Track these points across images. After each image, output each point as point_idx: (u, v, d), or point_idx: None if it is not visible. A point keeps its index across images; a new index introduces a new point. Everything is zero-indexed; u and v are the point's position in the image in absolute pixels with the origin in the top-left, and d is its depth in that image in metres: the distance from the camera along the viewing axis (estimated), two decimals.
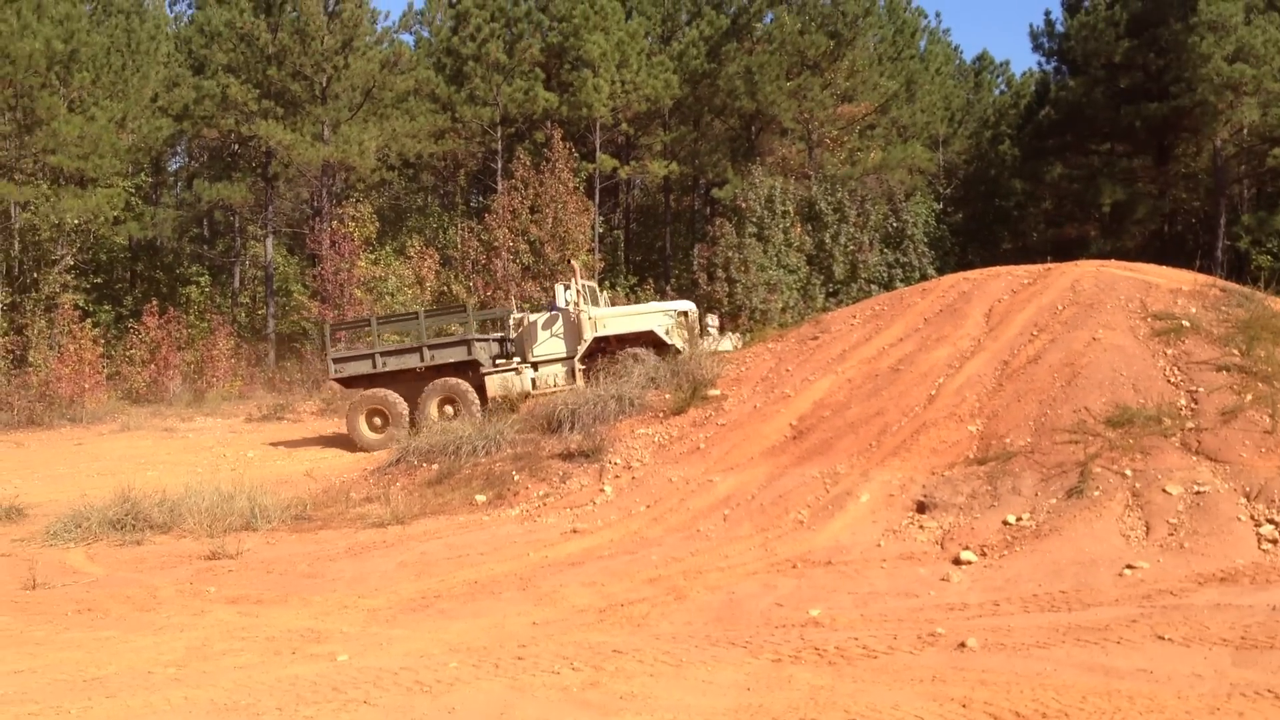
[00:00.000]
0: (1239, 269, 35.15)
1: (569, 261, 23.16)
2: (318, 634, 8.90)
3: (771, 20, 44.16)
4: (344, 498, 15.24)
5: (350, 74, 40.10)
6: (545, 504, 13.74)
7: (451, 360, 21.04)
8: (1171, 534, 10.12)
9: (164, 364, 34.26)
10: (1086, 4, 39.89)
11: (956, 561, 10.27)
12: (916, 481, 12.12)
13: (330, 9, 39.89)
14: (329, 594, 10.52)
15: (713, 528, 12.15)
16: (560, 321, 20.83)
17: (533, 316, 21.36)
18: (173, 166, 50.55)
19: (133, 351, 35.20)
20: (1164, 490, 10.75)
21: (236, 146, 44.52)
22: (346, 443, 21.50)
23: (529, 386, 20.41)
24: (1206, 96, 34.40)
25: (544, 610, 9.46)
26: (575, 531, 12.46)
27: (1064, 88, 41.03)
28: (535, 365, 20.71)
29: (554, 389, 19.78)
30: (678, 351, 18.93)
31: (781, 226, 35.50)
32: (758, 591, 9.70)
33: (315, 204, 42.65)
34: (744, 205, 35.99)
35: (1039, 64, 52.24)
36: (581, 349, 20.40)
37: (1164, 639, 7.59)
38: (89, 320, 35.60)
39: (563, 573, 10.74)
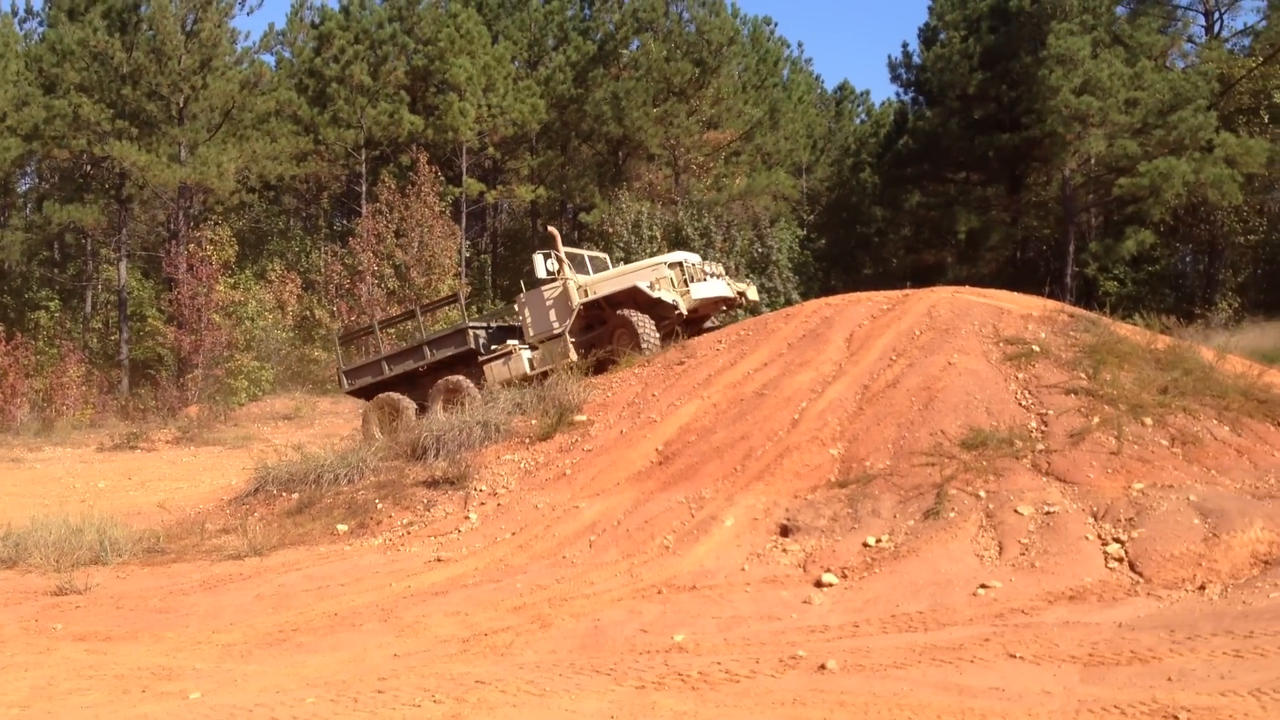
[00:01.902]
0: (1087, 295, 36.48)
1: (546, 228, 21.88)
2: (169, 671, 8.63)
3: (638, 47, 44.63)
4: (199, 529, 14.81)
5: (209, 94, 39.29)
6: (409, 533, 13.54)
7: (451, 353, 19.84)
8: (1023, 554, 10.40)
9: (11, 392, 32.98)
10: (942, 37, 41.13)
11: (818, 584, 10.40)
12: (780, 505, 12.25)
13: (188, 28, 39.05)
14: (182, 629, 10.21)
15: (579, 554, 12.11)
16: (545, 295, 19.44)
17: (524, 295, 19.99)
18: (22, 188, 48.88)
19: None
20: (1016, 511, 11.05)
21: (89, 167, 43.20)
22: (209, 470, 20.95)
23: (526, 368, 18.91)
24: (1055, 128, 35.69)
25: (406, 642, 9.31)
26: (439, 560, 12.30)
27: (921, 118, 42.22)
28: (534, 345, 19.30)
29: (550, 366, 18.54)
30: (673, 307, 18.05)
31: (648, 251, 35.76)
32: (623, 618, 9.68)
33: (172, 226, 41.59)
34: (611, 230, 36.20)
35: (897, 94, 53.89)
36: (569, 321, 18.84)
37: (1015, 657, 7.78)
38: None
39: (426, 603, 10.58)
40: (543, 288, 19.37)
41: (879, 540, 11.12)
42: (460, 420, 16.02)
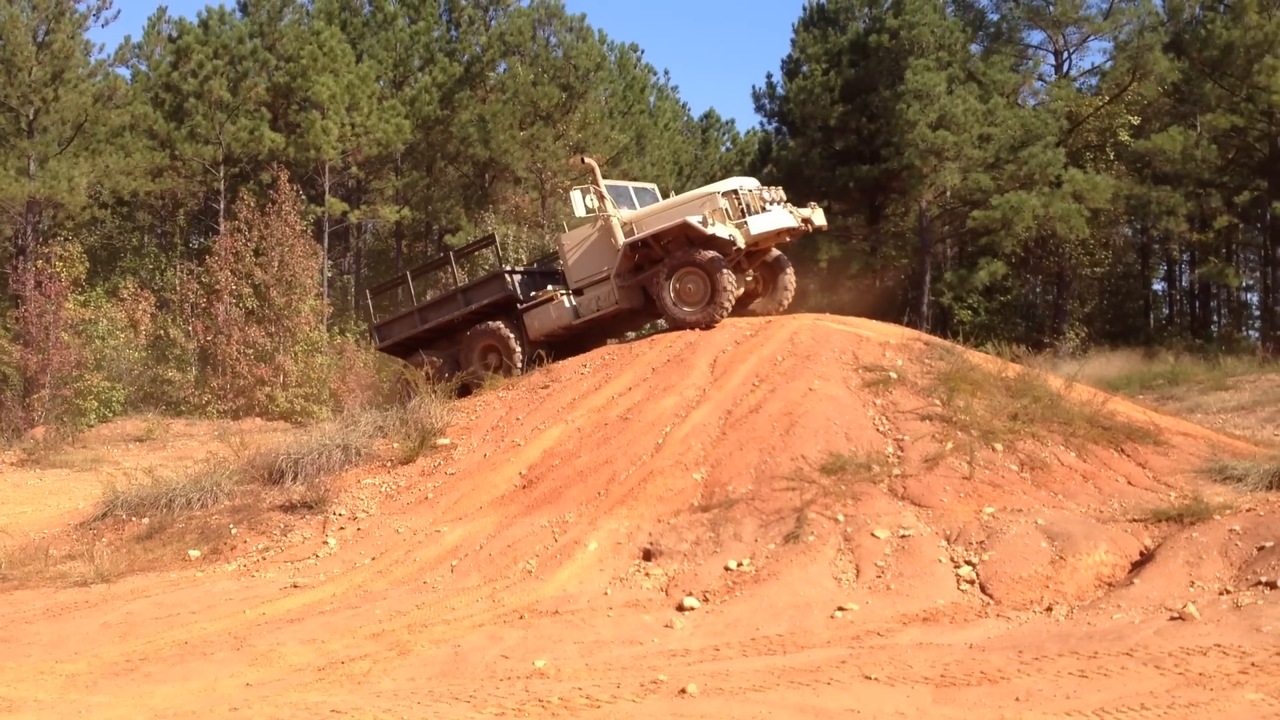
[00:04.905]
0: (943, 323, 37.51)
1: (583, 159, 20.26)
2: (9, 703, 8.26)
3: (505, 70, 44.57)
4: (43, 555, 14.21)
5: (60, 107, 37.96)
6: (265, 558, 13.23)
7: (489, 301, 18.41)
8: (879, 576, 10.61)
9: None
10: (804, 69, 41.93)
11: (680, 608, 10.46)
12: (643, 529, 12.29)
13: (39, 39, 37.74)
14: (23, 659, 9.79)
15: (440, 579, 11.98)
16: (585, 234, 17.92)
17: (565, 236, 18.50)
18: None
19: None
20: (873, 534, 11.27)
21: None
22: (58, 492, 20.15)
23: (570, 318, 17.67)
24: (912, 161, 36.66)
25: (259, 670, 9.07)
26: (296, 586, 12.04)
27: (784, 147, 42.97)
28: (579, 291, 17.79)
29: (597, 313, 17.52)
30: (729, 243, 16.55)
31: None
32: (484, 644, 9.60)
33: (19, 242, 40.01)
34: (476, 253, 35.96)
35: (761, 124, 54.74)
36: (615, 262, 17.35)
37: (871, 679, 7.92)
38: None
39: (280, 630, 10.34)
40: (583, 227, 18.06)
41: (740, 564, 11.23)
42: (319, 442, 15.72)
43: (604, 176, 18.07)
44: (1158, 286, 50.57)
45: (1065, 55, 43.22)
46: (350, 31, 46.65)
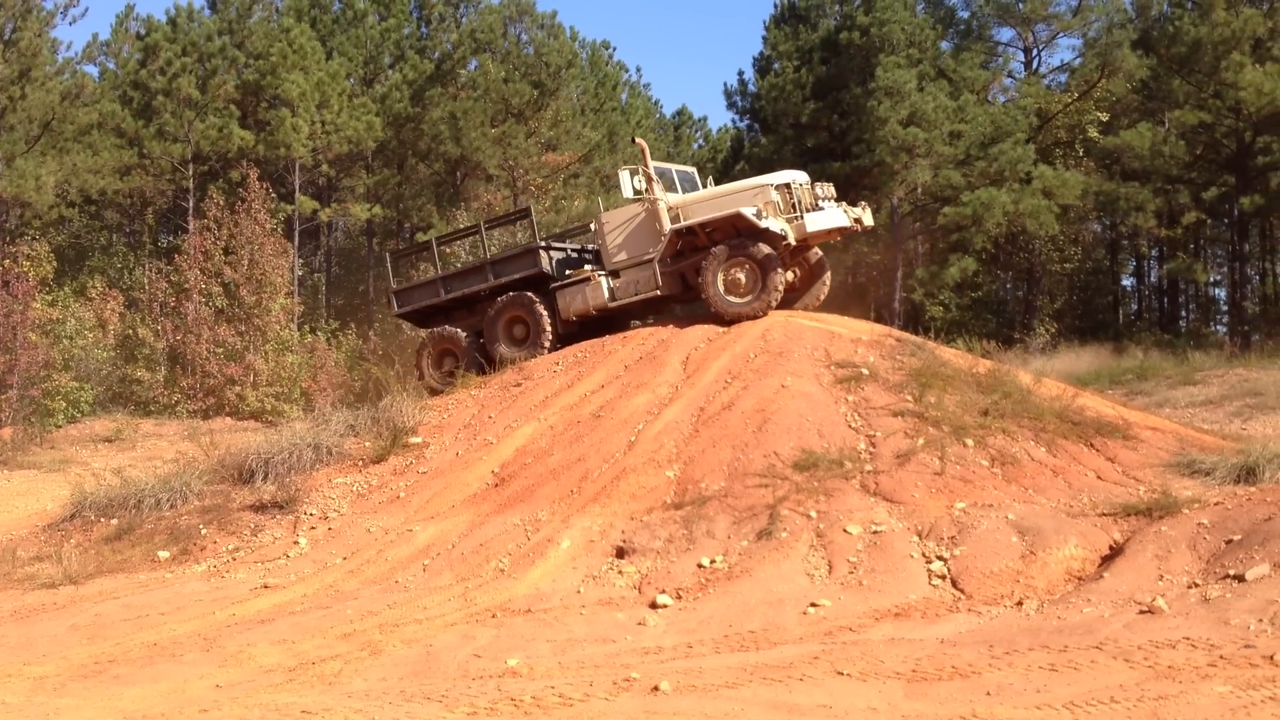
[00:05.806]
0: (914, 319, 37.59)
1: (634, 139, 19.69)
2: None
3: (476, 67, 44.40)
4: (10, 556, 14.09)
5: (27, 105, 37.60)
6: (235, 559, 13.15)
7: (519, 276, 17.96)
8: (851, 572, 10.63)
9: None
10: (776, 66, 41.97)
11: (653, 605, 10.46)
12: (616, 527, 12.28)
13: (6, 37, 37.38)
14: None
15: (412, 578, 11.94)
16: (629, 215, 17.48)
17: (605, 215, 18.00)
18: None
19: None
20: (845, 530, 11.30)
21: None
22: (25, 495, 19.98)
23: (605, 299, 17.24)
24: (883, 157, 36.72)
25: (229, 672, 9.02)
26: (266, 587, 11.98)
27: (756, 144, 42.98)
28: (615, 273, 17.38)
29: (634, 298, 17.18)
30: (781, 237, 16.25)
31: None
32: (456, 643, 9.57)
33: None
34: (449, 250, 35.86)
35: (733, 121, 54.79)
36: (660, 247, 16.94)
37: (843, 674, 7.94)
38: None
39: (251, 631, 10.28)
40: (625, 207, 17.64)
41: (713, 561, 11.24)
42: (290, 442, 15.64)
43: (575, 171, 18.13)
44: (1126, 282, 50.93)
45: (1035, 52, 43.39)
46: (320, 29, 46.42)
